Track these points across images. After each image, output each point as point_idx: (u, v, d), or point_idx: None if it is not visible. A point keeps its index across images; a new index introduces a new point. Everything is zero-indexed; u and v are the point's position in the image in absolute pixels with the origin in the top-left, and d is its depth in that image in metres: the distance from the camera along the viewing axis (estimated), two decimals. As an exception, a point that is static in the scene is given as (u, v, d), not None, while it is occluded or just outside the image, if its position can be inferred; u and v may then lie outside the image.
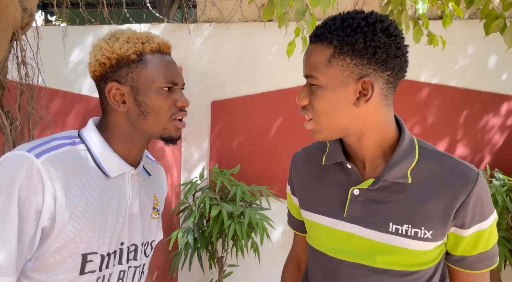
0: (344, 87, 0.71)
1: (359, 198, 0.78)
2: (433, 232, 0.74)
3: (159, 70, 0.79)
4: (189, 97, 2.70)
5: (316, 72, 0.72)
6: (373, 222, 0.76)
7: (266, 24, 2.58)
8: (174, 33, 2.71)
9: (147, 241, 0.88)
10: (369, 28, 0.69)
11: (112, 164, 0.79)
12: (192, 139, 2.72)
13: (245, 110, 2.63)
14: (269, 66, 2.60)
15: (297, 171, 0.91)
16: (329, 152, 0.84)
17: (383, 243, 0.76)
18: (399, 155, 0.75)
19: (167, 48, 0.82)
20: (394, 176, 0.75)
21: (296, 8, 1.50)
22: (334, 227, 0.80)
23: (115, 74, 0.78)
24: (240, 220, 2.24)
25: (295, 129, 2.57)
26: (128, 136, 0.81)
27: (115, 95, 0.78)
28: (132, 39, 0.79)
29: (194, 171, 2.72)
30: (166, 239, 2.38)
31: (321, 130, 0.76)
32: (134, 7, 3.52)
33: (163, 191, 0.99)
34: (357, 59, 0.69)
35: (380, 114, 0.74)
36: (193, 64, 2.69)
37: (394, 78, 0.72)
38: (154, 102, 0.78)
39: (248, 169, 2.60)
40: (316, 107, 0.74)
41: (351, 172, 0.80)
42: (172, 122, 0.80)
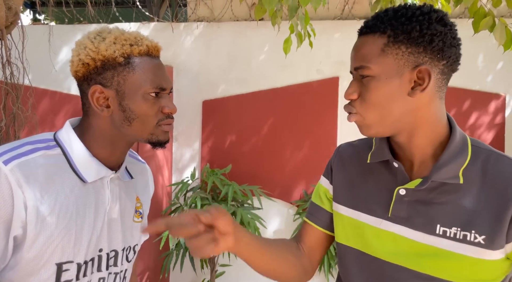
0: (399, 76, 0.69)
1: (405, 198, 0.74)
2: (485, 237, 0.68)
3: (147, 75, 0.75)
4: (180, 96, 2.69)
5: (369, 62, 0.70)
6: (419, 223, 0.73)
7: (257, 23, 2.57)
8: (164, 32, 2.69)
9: (129, 246, 0.85)
10: (425, 17, 0.68)
11: (89, 168, 0.75)
12: (183, 139, 2.71)
13: (236, 110, 2.62)
14: (260, 65, 2.59)
15: (341, 164, 0.87)
16: (375, 149, 0.80)
17: (429, 246, 0.72)
18: (450, 154, 0.72)
19: (156, 51, 0.78)
20: (444, 176, 0.71)
21: (288, 5, 1.50)
22: (378, 226, 0.77)
23: (100, 76, 0.74)
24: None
25: (286, 128, 2.57)
26: (111, 140, 0.78)
27: (98, 99, 0.75)
28: (120, 40, 0.75)
29: (185, 171, 2.71)
30: (157, 239, 2.37)
31: (371, 125, 0.72)
32: (123, 6, 3.49)
33: (148, 192, 0.95)
34: (412, 47, 0.68)
35: (434, 107, 0.72)
36: (184, 64, 2.67)
37: (448, 69, 0.71)
38: (140, 108, 0.74)
39: (239, 168, 2.59)
40: (369, 100, 0.70)
41: (398, 171, 0.76)
42: (159, 127, 0.77)
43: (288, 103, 2.57)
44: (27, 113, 1.49)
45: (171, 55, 2.67)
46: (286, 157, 2.58)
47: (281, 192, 2.58)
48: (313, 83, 2.55)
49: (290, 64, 2.53)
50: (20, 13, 1.43)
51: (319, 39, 2.39)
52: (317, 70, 2.55)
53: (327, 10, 2.54)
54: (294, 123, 2.56)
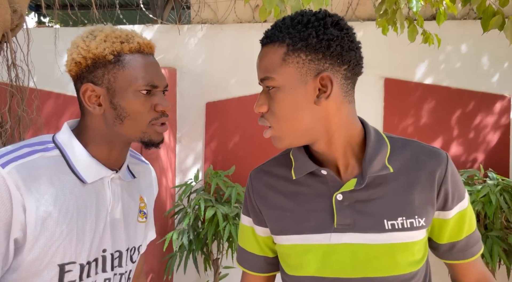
0: (303, 85, 0.68)
1: (345, 203, 0.72)
2: (425, 218, 0.72)
3: (137, 72, 0.74)
4: (184, 98, 2.69)
5: (271, 73, 0.69)
6: (367, 225, 0.71)
7: (261, 25, 2.58)
8: (168, 34, 2.70)
9: (133, 246, 0.85)
10: (320, 23, 0.67)
11: (88, 169, 0.75)
12: (186, 141, 2.71)
13: (240, 111, 2.62)
14: (263, 67, 2.59)
15: (261, 195, 0.80)
16: (297, 164, 0.77)
17: (383, 245, 0.71)
18: (373, 147, 0.73)
19: (148, 48, 0.77)
20: (375, 169, 0.71)
21: (292, 6, 1.50)
22: (328, 242, 0.73)
23: (91, 74, 0.74)
24: (235, 221, 2.23)
25: (290, 130, 2.57)
26: (106, 139, 0.77)
27: (90, 97, 0.74)
28: (110, 38, 0.74)
29: (188, 172, 2.71)
30: (160, 241, 2.37)
31: (283, 137, 0.71)
32: (127, 8, 3.51)
33: (152, 192, 0.94)
34: (312, 54, 0.67)
35: (344, 112, 0.71)
36: (187, 66, 2.68)
37: (351, 74, 0.70)
38: (131, 106, 0.73)
39: (243, 170, 2.59)
40: (277, 112, 0.69)
41: (328, 177, 0.74)
42: (151, 127, 0.76)
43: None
44: (32, 116, 1.50)
45: (174, 57, 2.68)
46: (290, 158, 2.58)
47: (284, 194, 2.58)
48: (317, 85, 2.55)
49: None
50: (25, 16, 1.44)
51: (323, 40, 2.38)
52: (321, 72, 2.54)
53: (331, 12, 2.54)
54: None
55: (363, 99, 2.51)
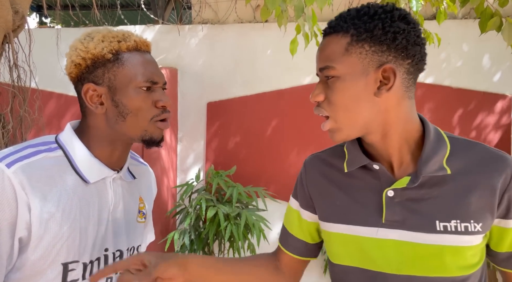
0: (364, 76, 0.67)
1: (395, 200, 0.71)
2: (482, 224, 0.69)
3: (136, 69, 0.75)
4: (185, 98, 2.70)
5: (333, 62, 0.68)
6: (417, 224, 0.69)
7: (262, 25, 2.58)
8: (169, 34, 2.70)
9: (132, 246, 0.86)
10: (387, 15, 0.67)
11: (91, 169, 0.76)
12: (188, 141, 2.71)
13: (241, 111, 2.62)
14: (264, 67, 2.59)
15: (314, 181, 0.82)
16: (350, 157, 0.77)
17: (433, 245, 0.69)
18: (431, 147, 0.71)
19: (145, 46, 0.79)
20: (431, 169, 0.69)
21: (295, 5, 1.50)
22: (374, 236, 0.72)
23: (91, 75, 0.76)
24: (237, 221, 2.24)
25: (291, 130, 2.57)
26: (108, 139, 0.78)
27: (92, 97, 0.76)
28: (108, 38, 0.76)
29: (190, 172, 2.71)
30: (162, 241, 2.37)
31: (341, 129, 0.70)
32: (128, 9, 3.52)
33: (151, 193, 0.96)
34: (376, 45, 0.66)
35: (404, 107, 0.70)
36: (189, 66, 2.68)
37: (414, 69, 0.69)
38: (132, 103, 0.75)
39: (244, 170, 2.60)
40: (335, 101, 0.69)
41: (380, 173, 0.73)
42: (153, 124, 0.77)
43: (292, 105, 2.56)
44: (34, 116, 1.51)
45: (175, 57, 2.68)
46: (291, 158, 2.58)
47: (286, 194, 2.58)
48: (318, 84, 2.55)
49: (295, 66, 2.53)
50: (27, 17, 1.44)
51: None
52: (322, 71, 2.55)
53: (331, 12, 2.54)
54: (299, 124, 2.56)
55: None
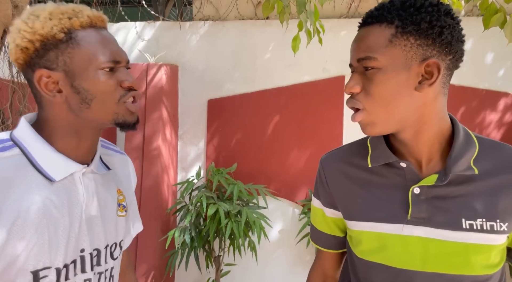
0: (406, 69, 0.66)
1: (421, 197, 0.71)
2: (508, 224, 0.69)
3: (95, 48, 0.67)
4: (185, 95, 2.68)
5: (375, 53, 0.66)
6: (443, 221, 0.69)
7: (263, 22, 2.56)
8: (170, 31, 2.69)
9: (114, 242, 0.79)
10: (434, 9, 0.65)
11: (55, 165, 0.68)
12: (188, 138, 2.70)
13: (241, 109, 2.61)
14: (266, 64, 2.58)
15: (334, 179, 0.81)
16: (375, 152, 0.76)
17: (458, 243, 0.69)
18: (460, 146, 0.70)
19: (100, 22, 0.70)
20: (460, 168, 0.69)
21: (297, 0, 1.48)
22: (400, 233, 0.72)
23: (42, 59, 0.66)
24: (237, 219, 2.23)
25: (292, 127, 2.56)
26: (73, 130, 0.70)
27: (47, 85, 0.66)
28: (56, 14, 0.66)
29: (191, 169, 2.70)
30: (162, 238, 2.37)
31: (376, 122, 0.68)
32: (129, 5, 3.50)
33: (130, 183, 0.88)
34: (421, 39, 0.65)
35: (439, 103, 0.69)
36: (189, 63, 2.67)
37: (453, 65, 0.68)
38: (95, 87, 0.67)
39: (245, 167, 2.59)
40: (373, 94, 0.67)
41: (406, 170, 0.72)
42: (123, 105, 0.69)
43: (293, 102, 2.55)
44: (33, 112, 1.50)
45: (176, 54, 2.67)
46: (292, 156, 2.57)
47: (286, 191, 2.57)
48: (319, 82, 2.53)
49: (296, 63, 2.52)
50: (27, 12, 1.43)
51: (325, 37, 2.37)
52: (323, 69, 2.53)
53: (333, 9, 2.52)
54: (300, 122, 2.55)
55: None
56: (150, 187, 2.45)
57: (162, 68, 2.50)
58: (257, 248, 2.39)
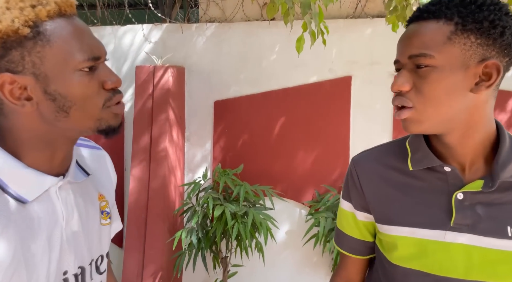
0: (464, 69, 0.62)
1: (465, 203, 0.68)
2: None
3: (69, 44, 0.54)
4: (192, 97, 2.70)
5: (431, 50, 0.62)
6: (488, 228, 0.67)
7: (269, 23, 2.57)
8: (176, 33, 2.71)
9: (99, 255, 0.70)
10: (495, 7, 0.62)
11: (26, 183, 0.57)
12: (195, 139, 2.71)
13: (248, 110, 2.62)
14: (272, 65, 2.58)
15: (368, 181, 0.77)
16: (417, 155, 0.72)
17: (504, 251, 0.66)
18: (508, 151, 0.67)
19: (70, 7, 0.56)
20: (507, 174, 0.66)
21: (301, 2, 1.48)
22: (442, 239, 0.69)
23: (3, 60, 0.53)
24: (244, 220, 2.23)
25: (298, 128, 2.56)
26: (46, 140, 0.59)
27: (12, 92, 0.54)
28: (14, 2, 0.52)
29: (197, 171, 2.71)
30: (170, 240, 2.38)
31: (423, 121, 0.65)
32: (136, 8, 3.53)
33: (111, 182, 0.77)
34: (482, 38, 0.61)
35: (489, 106, 0.66)
36: (196, 64, 2.68)
37: (508, 68, 0.66)
38: (74, 91, 0.55)
39: (251, 168, 2.59)
40: (426, 92, 0.63)
41: (450, 175, 0.69)
42: (107, 109, 0.59)
43: (300, 103, 2.55)
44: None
45: (183, 56, 2.68)
46: (298, 157, 2.57)
47: (293, 193, 2.57)
48: (325, 83, 2.53)
49: (302, 64, 2.52)
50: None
51: (331, 38, 2.37)
52: (329, 69, 2.52)
53: (339, 9, 2.52)
54: (306, 123, 2.54)
55: (373, 98, 2.48)
56: (158, 188, 2.46)
57: (168, 70, 2.51)
58: (264, 249, 2.39)
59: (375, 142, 2.64)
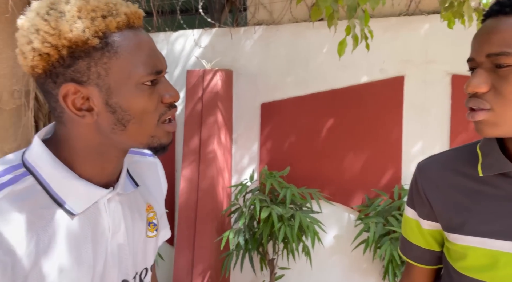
0: None
1: None
2: None
3: (135, 56, 0.54)
4: (239, 100, 2.74)
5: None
6: None
7: (316, 24, 2.54)
8: (225, 37, 2.76)
9: (144, 268, 0.68)
10: None
11: (77, 195, 0.56)
12: (242, 141, 2.75)
13: (295, 112, 2.60)
14: (319, 66, 2.55)
15: (433, 188, 0.74)
16: (488, 160, 0.68)
17: None
18: None
19: (138, 19, 0.56)
20: None
21: (348, 5, 1.45)
22: None
23: (69, 70, 0.52)
24: (291, 222, 2.22)
25: (347, 130, 2.50)
26: (99, 151, 0.58)
27: (75, 102, 0.53)
28: (87, 12, 0.51)
29: (244, 172, 2.75)
30: (218, 239, 2.43)
31: (501, 124, 0.61)
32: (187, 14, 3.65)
33: (161, 191, 0.76)
34: None
35: None
36: (243, 67, 2.72)
37: None
38: (135, 105, 0.54)
39: (298, 171, 2.57)
40: (508, 95, 0.59)
41: None
42: (161, 126, 0.58)
43: (348, 105, 2.49)
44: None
45: (231, 59, 2.73)
46: (347, 160, 2.50)
47: (341, 196, 2.51)
48: (376, 83, 2.44)
49: (351, 64, 2.45)
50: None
51: (383, 37, 2.28)
52: (380, 69, 2.44)
53: (392, 7, 2.42)
54: (355, 125, 2.48)
55: (428, 97, 2.36)
56: (206, 189, 2.52)
57: (217, 74, 2.57)
58: (311, 253, 2.35)
59: (430, 146, 2.51)
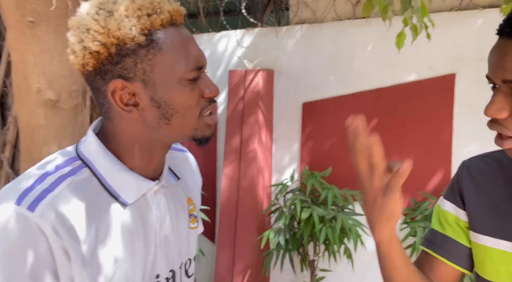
0: None
1: None
2: None
3: (178, 53, 0.56)
4: (280, 99, 2.73)
5: None
6: None
7: (362, 21, 2.47)
8: (267, 37, 2.77)
9: (188, 258, 0.71)
10: None
11: (128, 187, 0.60)
12: (283, 141, 2.74)
13: (337, 111, 2.55)
14: (364, 65, 2.48)
15: (475, 184, 0.73)
16: None
17: None
18: None
19: (180, 17, 0.59)
20: None
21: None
22: None
23: (117, 66, 0.56)
24: (332, 224, 2.18)
25: (392, 131, 2.41)
26: (146, 146, 0.61)
27: (122, 97, 0.57)
28: (133, 11, 0.54)
29: (285, 172, 2.74)
30: (258, 238, 2.44)
31: None
32: (230, 15, 3.71)
33: (196, 184, 0.78)
34: None
35: None
36: (285, 67, 2.71)
37: None
38: (178, 100, 0.57)
39: (339, 172, 2.52)
40: None
41: None
42: (202, 119, 0.60)
43: (394, 104, 2.40)
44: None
45: (272, 59, 2.73)
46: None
47: (385, 199, 2.43)
48: (424, 81, 2.33)
49: (398, 63, 2.36)
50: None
51: (433, 33, 2.17)
52: (429, 67, 2.32)
53: (443, 1, 2.30)
54: (402, 125, 2.38)
55: (481, 98, 2.19)
56: (247, 187, 2.55)
57: (259, 74, 2.58)
58: (353, 256, 2.30)
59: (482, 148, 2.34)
